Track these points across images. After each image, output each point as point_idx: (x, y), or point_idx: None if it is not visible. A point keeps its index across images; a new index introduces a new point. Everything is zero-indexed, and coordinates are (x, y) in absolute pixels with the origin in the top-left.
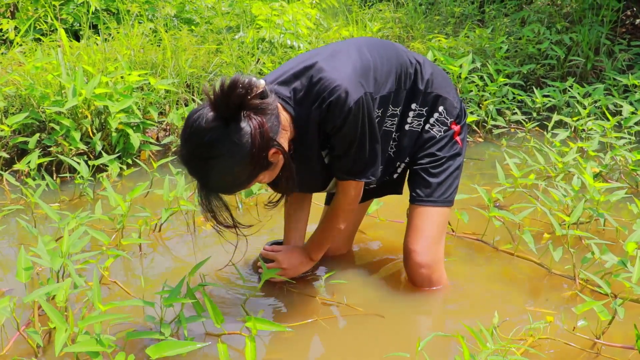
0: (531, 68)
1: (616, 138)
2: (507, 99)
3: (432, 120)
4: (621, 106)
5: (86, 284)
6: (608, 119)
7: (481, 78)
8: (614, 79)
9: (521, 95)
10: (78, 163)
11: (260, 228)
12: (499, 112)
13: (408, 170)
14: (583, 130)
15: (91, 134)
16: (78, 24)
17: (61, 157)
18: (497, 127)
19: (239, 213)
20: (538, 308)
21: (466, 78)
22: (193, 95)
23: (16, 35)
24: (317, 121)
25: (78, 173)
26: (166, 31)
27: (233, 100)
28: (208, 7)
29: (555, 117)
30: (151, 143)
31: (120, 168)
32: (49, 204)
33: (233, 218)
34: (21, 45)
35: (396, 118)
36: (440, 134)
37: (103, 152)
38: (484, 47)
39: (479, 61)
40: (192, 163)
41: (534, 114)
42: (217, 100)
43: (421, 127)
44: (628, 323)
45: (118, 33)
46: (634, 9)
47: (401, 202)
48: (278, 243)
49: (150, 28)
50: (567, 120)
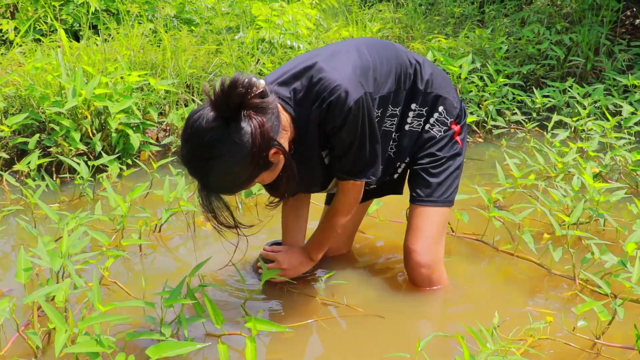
0: (531, 68)
1: (616, 138)
2: (507, 99)
3: (432, 120)
4: (621, 106)
5: (86, 285)
6: (608, 119)
7: (481, 78)
8: (614, 79)
9: (521, 95)
10: (78, 163)
11: (260, 228)
12: (499, 113)
13: (408, 170)
14: (583, 130)
15: (91, 135)
16: (78, 25)
17: (61, 158)
18: (497, 128)
19: (239, 213)
20: (538, 308)
21: (466, 78)
22: (193, 95)
23: (16, 35)
24: (317, 121)
25: (78, 173)
26: (166, 32)
27: (233, 99)
28: (208, 8)
29: (555, 118)
30: (151, 143)
31: (120, 168)
32: (49, 205)
33: (234, 218)
34: (21, 45)
35: (396, 118)
36: (440, 134)
37: (103, 153)
38: (484, 48)
39: (479, 61)
40: (193, 163)
41: (534, 114)
42: (218, 99)
43: (421, 127)
44: (628, 323)
45: (118, 33)
46: (634, 9)
47: (401, 202)
48: (278, 243)
49: (150, 28)
50: (567, 120)
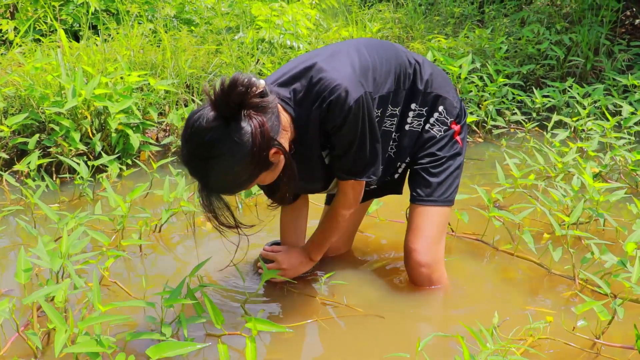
0: (531, 68)
1: (616, 138)
2: (507, 99)
3: (432, 120)
4: (621, 106)
5: (86, 285)
6: (608, 119)
7: (481, 78)
8: (614, 79)
9: (521, 95)
10: (78, 164)
11: (261, 228)
12: (499, 113)
13: (408, 170)
14: (583, 130)
15: (91, 135)
16: (78, 25)
17: (61, 158)
18: (497, 128)
19: (239, 213)
20: (538, 308)
21: (466, 78)
22: (193, 95)
23: (16, 35)
24: (318, 121)
25: (78, 174)
26: (166, 32)
27: (233, 98)
28: (208, 8)
29: (554, 118)
30: (151, 144)
31: (119, 169)
32: (49, 205)
33: (234, 218)
34: (21, 45)
35: (396, 118)
36: (440, 134)
37: (103, 153)
38: (484, 48)
39: (479, 61)
40: (193, 163)
41: (534, 114)
42: (218, 99)
43: (421, 127)
44: (628, 323)
45: (118, 34)
46: (634, 9)
47: (401, 202)
48: (278, 243)
49: (149, 29)
50: (567, 120)
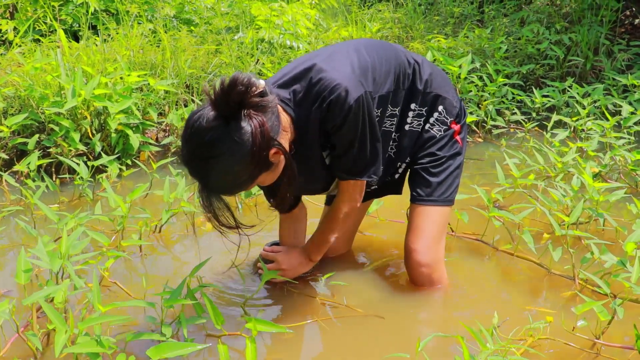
0: (530, 68)
1: (615, 138)
2: (507, 99)
3: (432, 119)
4: (620, 106)
5: (86, 286)
6: (607, 119)
7: (480, 78)
8: (613, 79)
9: (520, 95)
10: (77, 164)
11: (261, 228)
12: (499, 112)
13: (408, 170)
14: (582, 130)
15: (90, 135)
16: (77, 25)
17: (60, 158)
18: (497, 127)
19: (239, 213)
20: (538, 308)
21: (465, 78)
22: (192, 95)
23: (15, 36)
24: (318, 121)
25: (77, 174)
26: (165, 32)
27: (233, 97)
28: (207, 8)
29: (554, 117)
30: (150, 144)
31: (119, 169)
32: (49, 205)
33: (235, 219)
34: (20, 46)
35: (395, 118)
36: (440, 134)
37: (102, 153)
38: (483, 47)
39: (479, 61)
40: (193, 163)
41: (534, 114)
42: (218, 98)
43: (421, 127)
44: (627, 323)
45: (117, 34)
46: (633, 9)
47: (401, 202)
48: (278, 244)
49: (149, 29)
50: (567, 120)
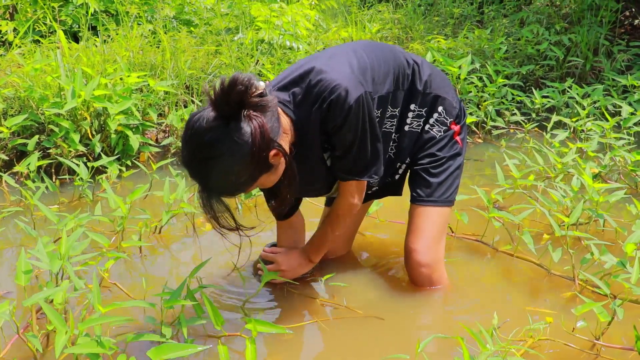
0: (530, 69)
1: (615, 139)
2: (506, 100)
3: (432, 120)
4: (620, 107)
5: (86, 286)
6: (607, 120)
7: (480, 79)
8: (613, 80)
9: (520, 96)
10: (77, 165)
11: (261, 229)
12: (498, 113)
13: (408, 170)
14: (582, 130)
15: (90, 136)
16: (77, 26)
17: (60, 159)
18: (497, 128)
19: (239, 214)
20: (538, 309)
21: (465, 79)
22: (192, 96)
23: (15, 36)
24: (318, 122)
25: (77, 175)
26: (165, 32)
27: (233, 97)
28: (207, 9)
29: (554, 118)
30: (150, 145)
31: (119, 170)
32: (49, 206)
33: (235, 220)
34: (20, 47)
35: (395, 119)
36: (440, 134)
37: (102, 154)
38: (483, 48)
39: (478, 62)
40: (193, 164)
41: (533, 115)
42: (218, 98)
43: (421, 128)
44: (627, 324)
45: (117, 35)
46: (633, 10)
47: (401, 203)
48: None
49: (149, 29)
50: (566, 120)
